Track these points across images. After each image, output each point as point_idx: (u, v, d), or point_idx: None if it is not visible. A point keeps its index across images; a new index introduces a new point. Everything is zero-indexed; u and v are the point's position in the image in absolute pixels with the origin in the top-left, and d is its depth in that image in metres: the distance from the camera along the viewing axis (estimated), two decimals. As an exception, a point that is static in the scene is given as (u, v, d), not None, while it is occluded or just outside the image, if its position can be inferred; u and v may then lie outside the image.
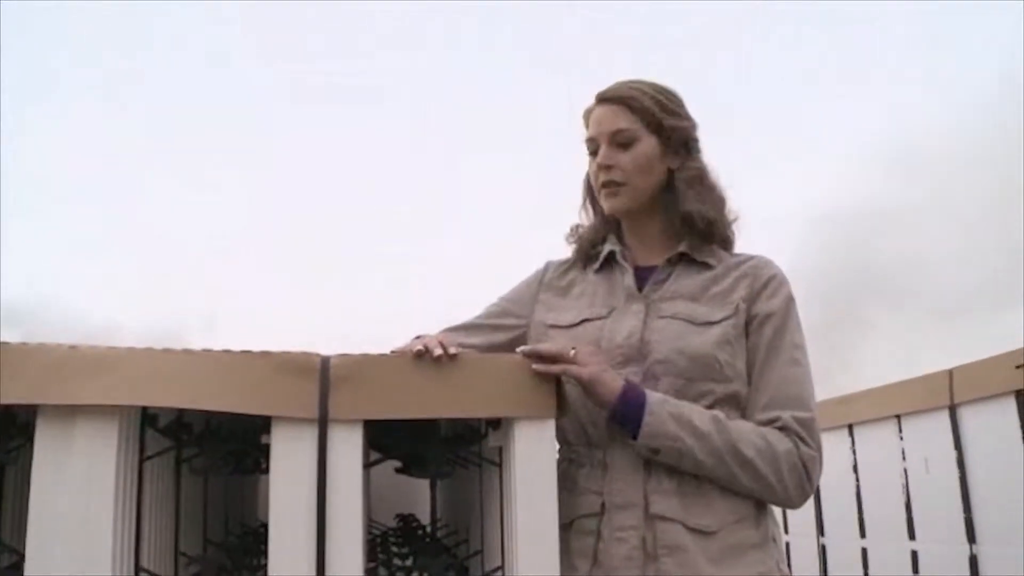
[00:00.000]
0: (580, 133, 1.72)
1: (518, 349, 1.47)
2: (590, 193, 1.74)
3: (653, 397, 1.45)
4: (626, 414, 1.45)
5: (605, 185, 1.63)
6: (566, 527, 1.49)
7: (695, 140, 1.68)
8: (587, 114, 1.69)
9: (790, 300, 1.58)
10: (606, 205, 1.64)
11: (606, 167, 1.62)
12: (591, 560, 1.47)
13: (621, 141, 1.62)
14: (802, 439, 1.48)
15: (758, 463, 1.45)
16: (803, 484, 1.49)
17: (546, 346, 1.45)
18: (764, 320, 1.55)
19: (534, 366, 1.41)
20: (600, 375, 1.45)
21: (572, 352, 1.45)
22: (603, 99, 1.66)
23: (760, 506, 1.52)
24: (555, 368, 1.41)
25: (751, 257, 1.64)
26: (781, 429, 1.49)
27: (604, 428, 1.51)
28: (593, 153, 1.66)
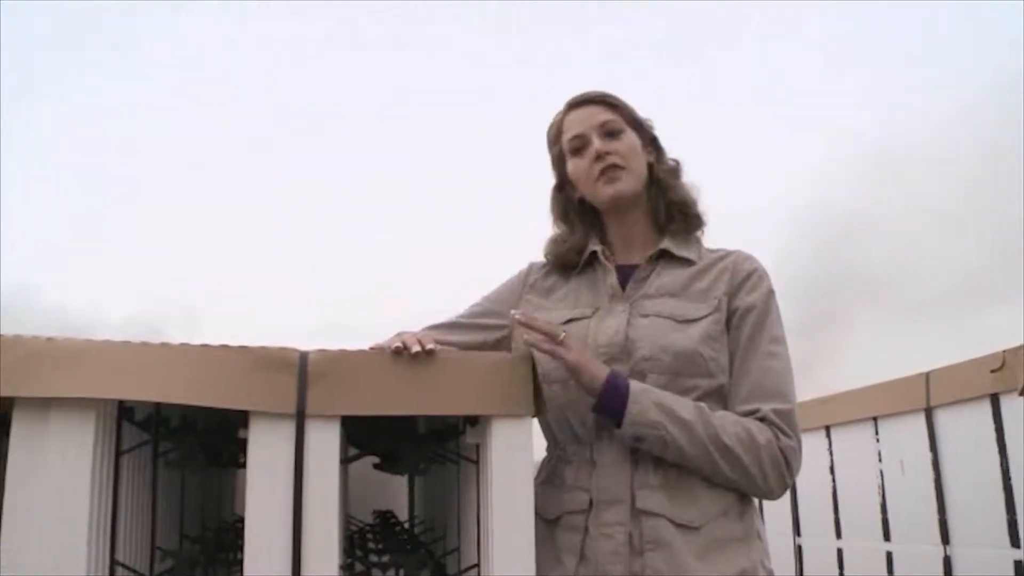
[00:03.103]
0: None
1: (512, 312, 1.53)
2: (568, 203, 1.74)
3: (637, 386, 1.47)
4: (611, 402, 1.46)
5: (605, 172, 1.63)
6: (554, 522, 1.52)
7: (658, 139, 1.72)
8: (559, 123, 1.72)
9: (770, 293, 1.61)
10: (609, 191, 1.63)
11: (604, 153, 1.63)
12: (578, 555, 1.48)
13: (610, 130, 1.65)
14: (782, 430, 1.51)
15: (740, 453, 1.47)
16: (783, 475, 1.51)
17: (541, 321, 1.49)
18: (745, 314, 1.58)
19: (525, 336, 1.46)
20: (586, 362, 1.48)
21: (562, 335, 1.47)
22: (581, 102, 1.69)
23: (744, 500, 1.54)
24: (544, 345, 1.45)
25: (730, 252, 1.66)
26: (761, 420, 1.51)
27: (592, 426, 1.52)
28: (578, 151, 1.66)
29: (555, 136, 1.72)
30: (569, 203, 1.74)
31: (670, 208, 1.67)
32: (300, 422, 1.33)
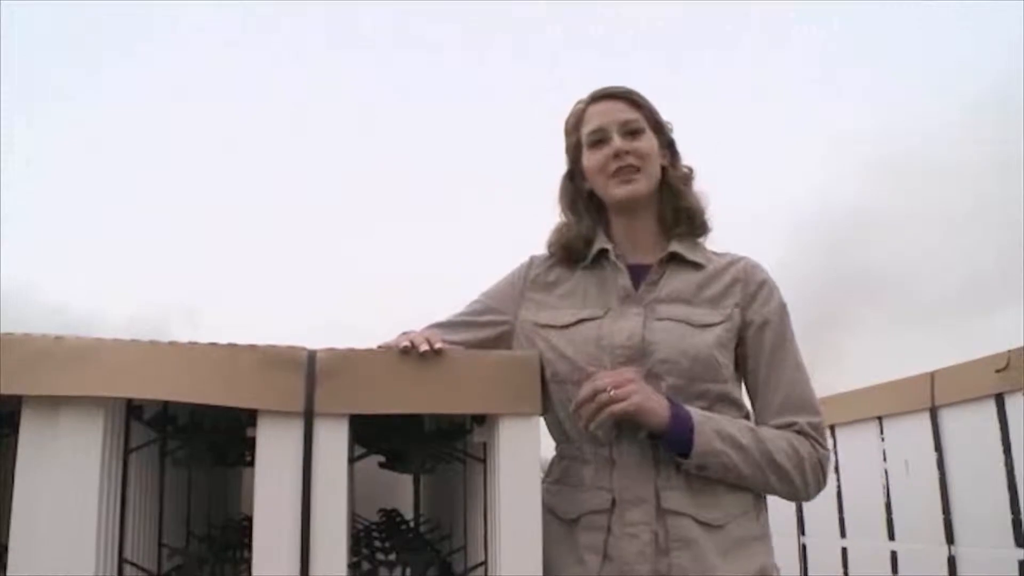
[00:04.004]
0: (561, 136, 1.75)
1: (573, 409, 1.49)
2: (577, 193, 1.73)
3: (698, 416, 1.48)
4: (676, 438, 1.47)
5: (621, 171, 1.62)
6: (572, 522, 1.52)
7: (675, 143, 1.72)
8: (580, 112, 1.70)
9: (783, 305, 1.64)
10: (623, 191, 1.63)
11: (624, 152, 1.62)
12: (601, 555, 1.48)
13: (632, 130, 1.64)
14: (818, 442, 1.57)
15: (789, 468, 1.52)
16: (820, 481, 1.58)
17: (583, 393, 1.46)
18: (762, 326, 1.60)
19: (581, 411, 1.45)
20: (645, 404, 1.46)
21: (593, 374, 1.47)
22: (607, 95, 1.68)
23: (759, 500, 1.58)
24: (602, 414, 1.44)
25: (739, 258, 1.67)
26: (798, 433, 1.56)
27: (610, 426, 1.51)
28: (596, 144, 1.65)
29: (574, 125, 1.71)
30: (578, 193, 1.73)
31: (678, 213, 1.67)
32: (308, 421, 1.33)
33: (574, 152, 1.72)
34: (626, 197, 1.63)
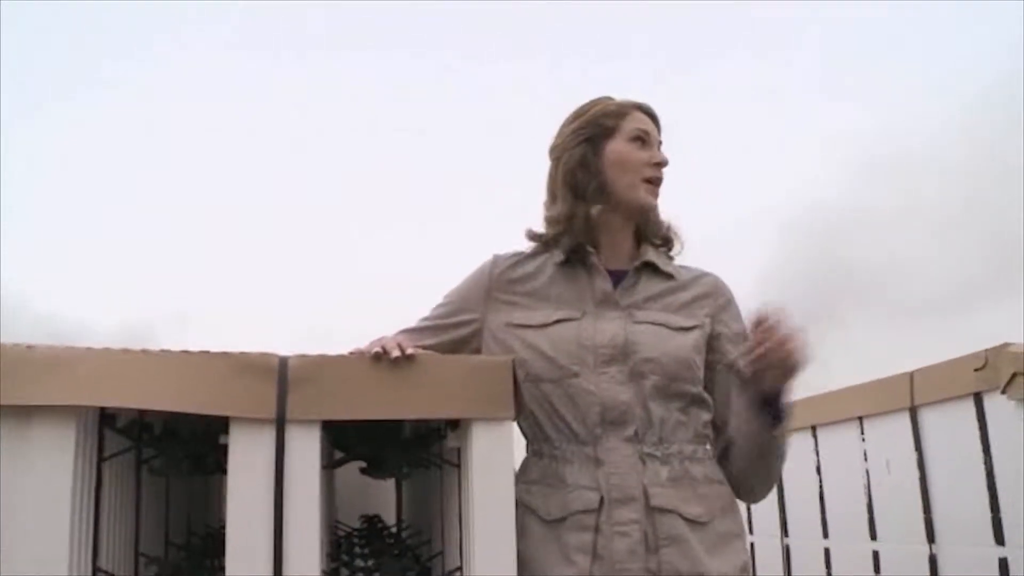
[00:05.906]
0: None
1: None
2: (590, 179, 1.67)
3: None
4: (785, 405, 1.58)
5: (655, 180, 1.68)
6: (558, 523, 1.53)
7: None
8: (624, 106, 1.71)
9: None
10: (649, 200, 1.68)
11: (664, 164, 1.69)
12: (590, 555, 1.49)
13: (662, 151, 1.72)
14: None
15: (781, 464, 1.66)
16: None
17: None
18: (735, 340, 1.67)
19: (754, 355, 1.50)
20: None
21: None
22: (649, 112, 1.73)
23: (734, 498, 1.63)
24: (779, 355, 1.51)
25: (704, 273, 1.74)
26: None
27: (594, 424, 1.54)
28: (640, 141, 1.68)
29: (615, 113, 1.69)
30: (591, 179, 1.67)
31: (660, 229, 1.73)
32: (280, 427, 1.34)
33: (602, 134, 1.68)
34: (649, 206, 1.69)
